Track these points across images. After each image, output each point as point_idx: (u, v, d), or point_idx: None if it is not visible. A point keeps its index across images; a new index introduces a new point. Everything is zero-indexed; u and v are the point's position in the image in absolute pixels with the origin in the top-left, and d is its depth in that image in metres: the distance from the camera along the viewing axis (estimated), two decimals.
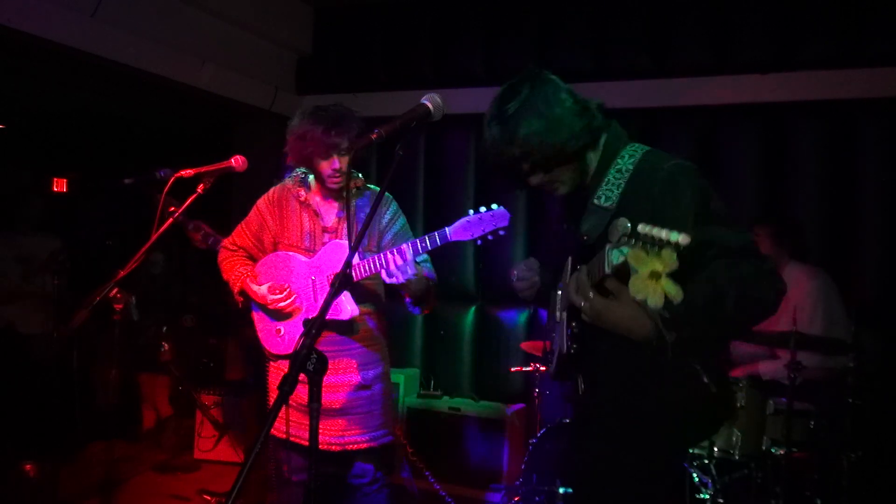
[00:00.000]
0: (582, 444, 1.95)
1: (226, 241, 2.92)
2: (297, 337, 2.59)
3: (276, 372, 2.76)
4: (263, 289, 2.65)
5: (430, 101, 1.81)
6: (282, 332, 2.66)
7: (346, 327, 2.65)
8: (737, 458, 3.18)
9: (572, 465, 2.06)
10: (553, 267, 2.12)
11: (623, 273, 1.43)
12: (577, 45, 4.54)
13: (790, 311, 3.44)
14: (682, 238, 1.35)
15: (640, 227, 1.37)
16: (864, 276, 3.81)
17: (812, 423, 3.28)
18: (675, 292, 1.36)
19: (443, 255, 4.94)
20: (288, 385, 1.51)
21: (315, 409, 1.60)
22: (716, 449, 3.20)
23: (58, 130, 6.43)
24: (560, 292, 1.95)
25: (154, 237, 2.68)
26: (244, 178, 2.90)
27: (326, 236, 2.69)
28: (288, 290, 2.64)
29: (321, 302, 2.54)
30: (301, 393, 2.61)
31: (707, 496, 3.29)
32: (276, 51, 5.11)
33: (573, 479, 2.05)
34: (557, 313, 1.95)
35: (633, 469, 1.79)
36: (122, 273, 2.73)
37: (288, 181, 2.79)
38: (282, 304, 2.62)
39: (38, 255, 4.43)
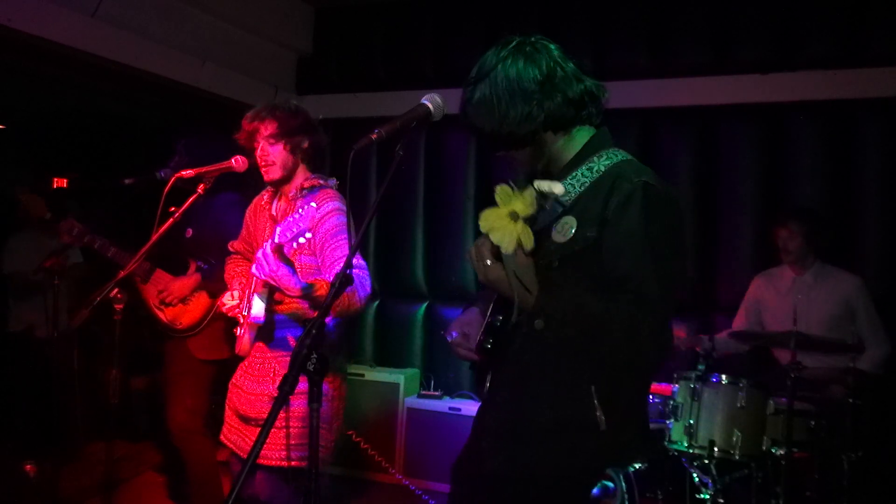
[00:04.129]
0: (478, 447, 1.81)
1: (229, 245, 2.91)
2: (246, 339, 2.51)
3: (240, 373, 2.69)
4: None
5: (430, 101, 1.80)
6: (238, 333, 2.60)
7: (264, 333, 2.54)
8: (737, 457, 3.18)
9: (467, 463, 1.89)
10: None
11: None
12: (576, 45, 4.54)
13: (816, 313, 3.50)
14: (557, 188, 1.36)
15: (537, 183, 1.36)
16: (864, 276, 3.80)
17: (812, 423, 3.28)
18: (528, 242, 1.32)
19: (443, 255, 4.97)
20: (288, 385, 1.50)
21: (315, 410, 1.60)
22: (716, 449, 3.20)
23: (58, 130, 6.42)
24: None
25: (155, 237, 2.69)
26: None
27: None
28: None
29: (246, 303, 2.50)
30: (236, 400, 2.63)
31: (707, 496, 3.29)
32: (276, 51, 5.11)
33: (467, 477, 1.88)
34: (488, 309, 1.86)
35: (523, 488, 1.69)
36: (122, 273, 2.74)
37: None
38: (227, 310, 2.62)
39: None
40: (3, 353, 4.81)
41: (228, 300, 2.61)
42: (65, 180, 6.50)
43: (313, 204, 2.30)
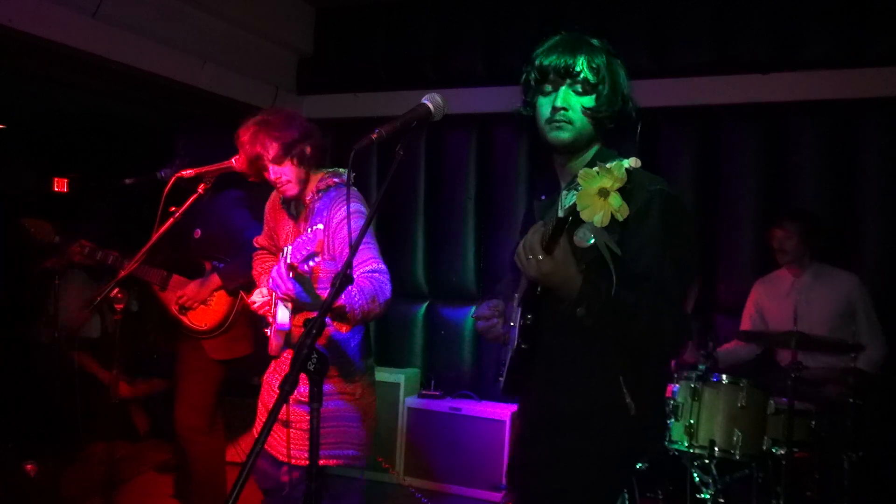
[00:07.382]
0: (524, 443, 1.96)
1: (254, 241, 2.89)
2: (275, 343, 2.48)
3: (271, 371, 2.70)
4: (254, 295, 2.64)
5: (430, 100, 1.80)
6: (269, 334, 2.58)
7: (291, 339, 2.49)
8: (738, 457, 3.18)
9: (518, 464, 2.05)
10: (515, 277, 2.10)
11: (576, 216, 1.45)
12: None
13: (818, 314, 3.51)
14: (633, 162, 1.40)
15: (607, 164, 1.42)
16: (864, 276, 3.80)
17: (813, 422, 3.28)
18: (621, 205, 1.39)
19: (444, 255, 4.97)
20: (289, 385, 1.50)
21: (315, 409, 1.60)
22: (716, 449, 3.20)
23: (58, 130, 6.42)
24: (517, 295, 1.92)
25: (155, 237, 2.69)
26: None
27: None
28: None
29: (273, 307, 2.46)
30: (266, 396, 2.61)
31: (708, 496, 3.29)
32: (276, 51, 5.11)
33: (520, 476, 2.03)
34: (513, 314, 1.93)
35: (565, 472, 1.81)
36: (122, 273, 2.74)
37: None
38: (257, 308, 2.59)
39: None
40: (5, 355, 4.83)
41: (258, 297, 2.60)
42: (66, 181, 6.50)
43: (320, 226, 2.18)
